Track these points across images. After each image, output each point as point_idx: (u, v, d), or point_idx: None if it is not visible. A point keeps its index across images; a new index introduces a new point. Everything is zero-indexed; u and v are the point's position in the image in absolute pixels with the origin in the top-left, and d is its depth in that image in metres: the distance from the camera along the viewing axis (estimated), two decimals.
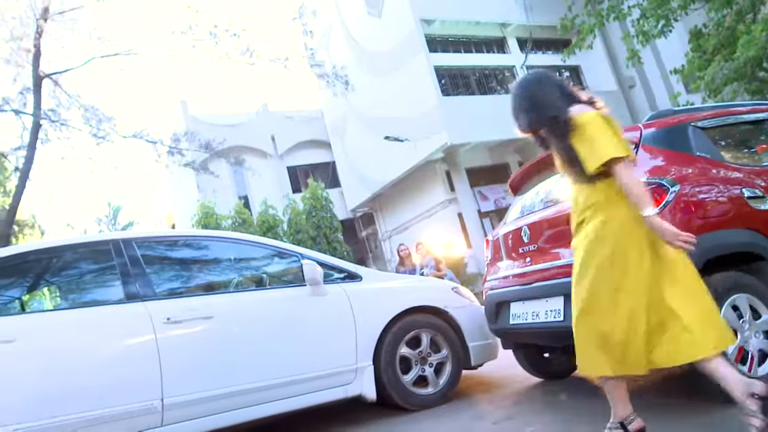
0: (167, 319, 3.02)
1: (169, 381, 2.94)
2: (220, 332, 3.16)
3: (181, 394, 2.95)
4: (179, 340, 3.04)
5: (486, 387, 4.02)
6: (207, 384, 3.02)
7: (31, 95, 10.96)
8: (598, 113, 2.21)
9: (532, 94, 2.41)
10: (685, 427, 2.32)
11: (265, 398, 3.14)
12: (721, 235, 2.63)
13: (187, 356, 3.03)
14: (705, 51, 10.72)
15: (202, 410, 3.00)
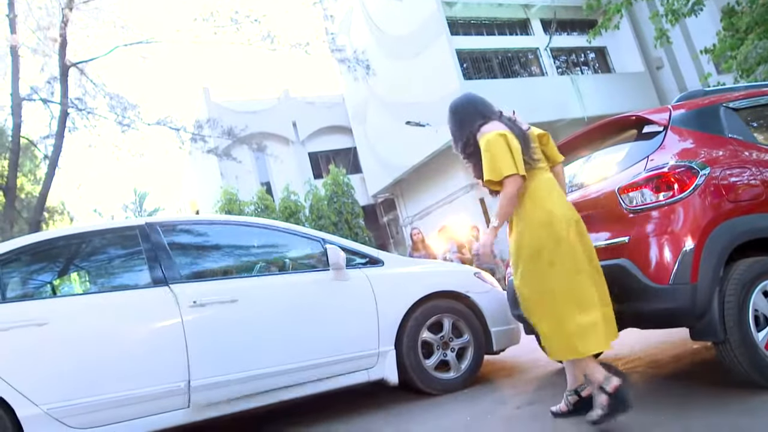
0: (193, 303, 3.08)
1: (196, 363, 3.00)
2: (245, 315, 3.20)
3: (207, 377, 3.01)
4: (205, 323, 3.09)
5: (508, 372, 4.02)
6: (232, 367, 3.07)
7: (58, 84, 11.16)
8: (498, 133, 2.50)
9: (456, 119, 2.73)
10: (712, 415, 2.28)
11: (289, 381, 3.19)
12: (753, 220, 2.56)
13: (212, 339, 3.09)
14: (738, 29, 10.35)
15: (227, 392, 3.05)
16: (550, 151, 2.69)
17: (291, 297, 3.39)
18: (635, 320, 2.88)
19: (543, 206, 2.47)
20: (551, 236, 2.41)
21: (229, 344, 3.11)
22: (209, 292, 3.16)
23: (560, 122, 17.02)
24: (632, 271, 2.56)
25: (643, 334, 4.24)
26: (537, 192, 2.50)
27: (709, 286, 2.42)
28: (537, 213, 2.46)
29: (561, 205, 2.50)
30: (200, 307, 3.09)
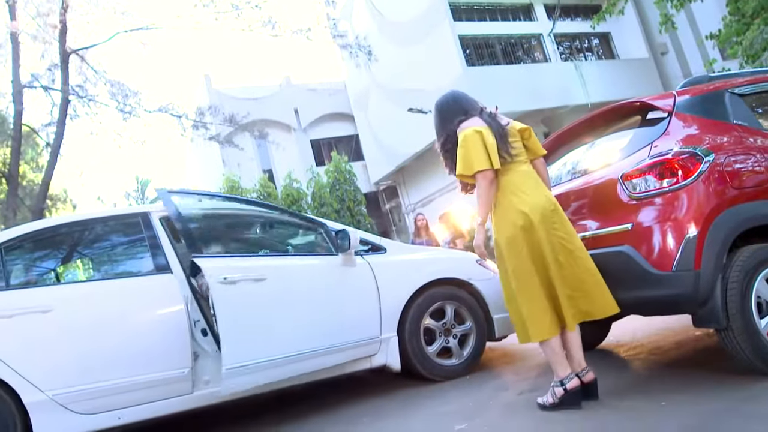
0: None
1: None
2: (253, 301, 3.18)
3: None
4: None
5: (510, 359, 4.03)
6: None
7: (58, 71, 11.12)
8: (474, 129, 2.61)
9: (439, 116, 2.85)
10: (715, 401, 2.29)
11: (295, 368, 3.19)
12: (757, 207, 2.54)
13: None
14: (744, 14, 10.22)
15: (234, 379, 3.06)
16: (532, 144, 2.78)
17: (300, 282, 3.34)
18: (637, 307, 2.88)
19: (512, 198, 2.60)
20: (516, 226, 2.55)
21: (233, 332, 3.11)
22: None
23: (564, 108, 16.92)
24: (635, 258, 2.55)
25: (646, 321, 4.25)
26: (510, 185, 2.63)
27: (712, 272, 2.41)
28: (506, 204, 2.61)
29: (533, 196, 2.59)
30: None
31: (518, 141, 2.72)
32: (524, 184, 2.63)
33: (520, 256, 2.54)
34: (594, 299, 2.55)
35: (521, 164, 2.69)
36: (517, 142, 2.71)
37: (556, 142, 3.60)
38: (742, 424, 1.99)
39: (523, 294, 2.54)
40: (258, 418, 3.54)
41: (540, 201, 2.59)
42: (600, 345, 3.94)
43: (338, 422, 3.07)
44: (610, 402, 2.56)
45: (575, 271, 2.55)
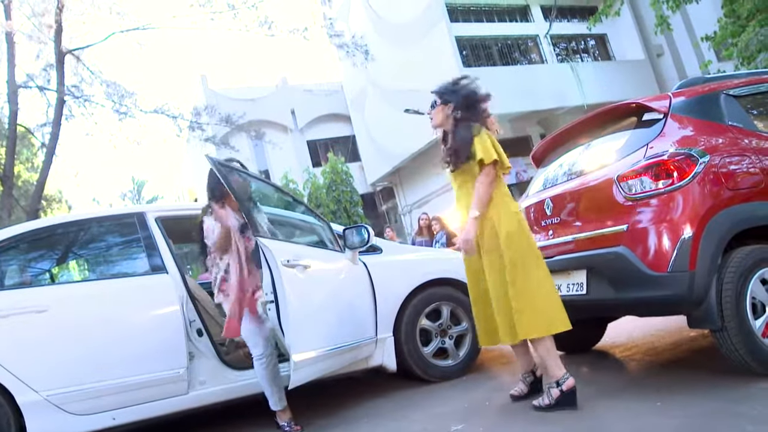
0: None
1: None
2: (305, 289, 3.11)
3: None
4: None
5: (506, 359, 4.04)
6: None
7: (54, 72, 11.07)
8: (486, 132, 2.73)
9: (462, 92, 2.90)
10: (710, 401, 2.30)
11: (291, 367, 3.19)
12: (751, 208, 2.56)
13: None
14: (739, 16, 10.27)
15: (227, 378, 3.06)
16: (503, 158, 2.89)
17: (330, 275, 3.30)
18: (633, 308, 2.89)
19: (506, 200, 2.73)
20: (520, 221, 2.69)
21: None
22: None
23: (560, 110, 16.96)
24: (630, 259, 2.56)
25: (641, 322, 4.27)
26: (502, 188, 2.74)
27: (707, 273, 2.42)
28: (504, 203, 2.70)
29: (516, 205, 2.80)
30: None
31: None
32: (508, 192, 2.80)
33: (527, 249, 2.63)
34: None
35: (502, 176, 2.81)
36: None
37: (553, 143, 3.61)
38: (736, 425, 2.00)
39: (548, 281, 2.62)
40: (253, 418, 3.52)
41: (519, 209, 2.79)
42: (596, 346, 3.95)
43: (334, 423, 3.07)
44: (606, 402, 2.57)
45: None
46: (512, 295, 2.58)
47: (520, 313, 2.56)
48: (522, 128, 17.37)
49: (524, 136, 17.53)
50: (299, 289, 2.81)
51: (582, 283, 2.91)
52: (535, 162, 3.89)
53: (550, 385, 2.59)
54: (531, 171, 3.54)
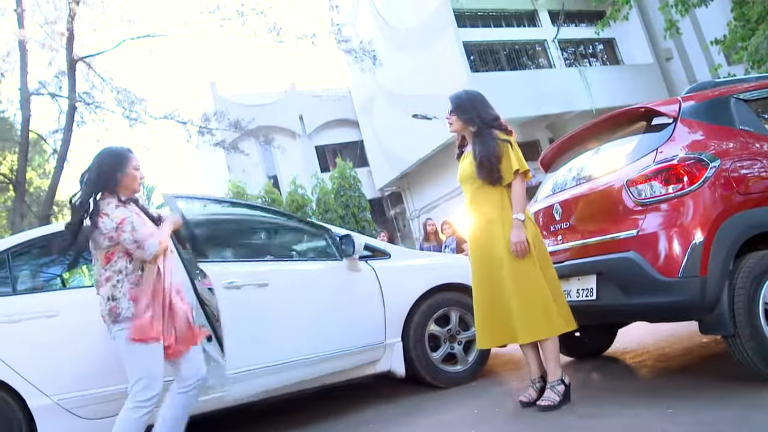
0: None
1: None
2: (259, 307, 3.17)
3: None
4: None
5: (515, 365, 4.01)
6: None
7: (66, 79, 11.20)
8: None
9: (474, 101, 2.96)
10: (722, 409, 2.27)
11: (299, 373, 3.18)
12: (763, 212, 2.53)
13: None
14: (749, 20, 10.21)
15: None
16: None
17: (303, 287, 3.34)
18: (643, 313, 2.86)
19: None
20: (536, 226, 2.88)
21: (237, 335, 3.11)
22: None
23: (568, 114, 16.91)
24: (640, 264, 2.54)
25: (652, 328, 4.23)
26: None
27: (719, 279, 2.40)
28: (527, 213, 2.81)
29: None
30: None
31: None
32: None
33: (542, 251, 2.80)
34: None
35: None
36: None
37: (561, 147, 3.60)
38: None
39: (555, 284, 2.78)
40: (262, 424, 3.53)
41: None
42: (606, 352, 3.92)
43: (343, 429, 3.06)
44: (616, 409, 2.55)
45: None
46: (522, 296, 2.66)
47: (530, 315, 2.64)
48: (531, 133, 17.33)
49: (533, 141, 17.49)
50: (241, 308, 2.92)
51: (592, 288, 2.89)
52: (543, 167, 3.88)
53: (555, 383, 2.69)
54: (540, 175, 3.55)
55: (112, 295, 2.37)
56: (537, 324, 2.64)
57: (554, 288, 2.74)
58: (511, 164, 2.75)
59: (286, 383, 3.09)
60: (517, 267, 2.69)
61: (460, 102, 2.91)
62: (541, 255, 2.76)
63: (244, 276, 3.01)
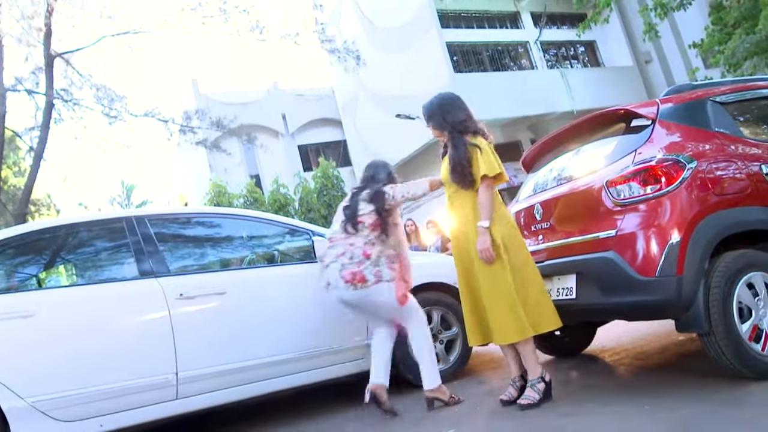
0: (180, 295, 3.06)
1: (183, 355, 2.98)
2: (233, 307, 3.19)
3: (195, 368, 3.00)
4: (193, 316, 3.08)
5: (497, 364, 4.04)
6: (220, 358, 3.07)
7: (43, 75, 10.99)
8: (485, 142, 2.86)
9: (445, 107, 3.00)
10: (697, 405, 2.32)
11: (277, 373, 3.19)
12: (738, 213, 2.58)
13: (199, 331, 3.07)
14: (726, 24, 10.44)
15: (215, 384, 3.05)
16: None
17: (280, 289, 3.38)
18: (622, 312, 2.90)
19: (501, 207, 2.86)
20: (513, 227, 2.86)
21: (217, 336, 3.10)
22: (197, 285, 3.14)
23: (550, 116, 17.08)
24: (619, 264, 2.58)
25: (630, 326, 4.29)
26: (497, 197, 2.87)
27: (695, 278, 2.44)
28: (499, 211, 2.82)
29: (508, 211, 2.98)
30: (188, 299, 3.07)
31: None
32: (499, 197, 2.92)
33: (523, 250, 2.81)
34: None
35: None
36: None
37: (543, 148, 3.64)
38: (723, 429, 2.01)
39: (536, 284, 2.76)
40: (244, 424, 3.50)
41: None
42: (586, 350, 3.97)
43: (326, 428, 3.05)
44: (595, 406, 2.58)
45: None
46: (491, 300, 2.73)
47: (498, 318, 2.71)
48: (512, 134, 17.47)
49: (514, 142, 17.62)
50: (193, 318, 3.06)
51: (571, 287, 2.92)
52: (525, 167, 3.91)
53: (534, 382, 2.72)
54: (521, 176, 3.57)
55: (375, 265, 3.01)
56: (506, 327, 2.70)
57: (532, 288, 2.73)
58: (483, 167, 2.78)
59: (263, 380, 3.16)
60: (486, 271, 2.74)
61: (430, 110, 2.99)
62: (515, 256, 2.75)
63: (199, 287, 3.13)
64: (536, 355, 2.78)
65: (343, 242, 3.06)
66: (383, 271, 3.00)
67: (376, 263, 3.00)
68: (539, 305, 2.73)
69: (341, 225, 3.12)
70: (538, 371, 2.74)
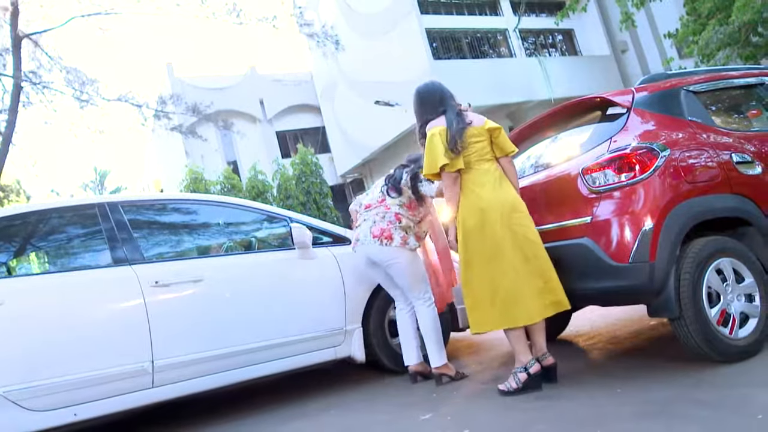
0: (155, 283, 3.02)
1: (159, 343, 2.95)
2: (209, 295, 3.16)
3: (171, 356, 2.97)
4: (168, 303, 3.04)
5: (474, 349, 4.09)
6: (197, 346, 3.04)
7: (10, 56, 10.64)
8: (437, 130, 2.78)
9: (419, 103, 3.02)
10: (667, 388, 2.38)
11: (255, 359, 3.18)
12: (708, 200, 2.64)
13: (175, 319, 3.04)
14: (700, 15, 10.59)
15: (192, 372, 3.02)
16: (501, 142, 2.87)
17: (256, 276, 3.36)
18: (596, 298, 2.96)
19: (470, 195, 2.75)
20: (473, 220, 2.71)
21: (192, 324, 3.07)
22: (172, 272, 3.09)
23: (528, 103, 17.18)
24: (593, 250, 2.62)
25: (604, 311, 4.38)
26: (469, 183, 2.77)
27: (666, 264, 2.50)
28: (465, 200, 2.75)
29: (491, 193, 2.74)
30: (163, 287, 3.03)
31: (483, 140, 2.82)
32: (483, 181, 2.76)
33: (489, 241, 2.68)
34: (559, 291, 2.68)
35: (484, 162, 2.80)
36: (480, 142, 2.81)
37: (520, 136, 3.66)
38: (691, 410, 2.07)
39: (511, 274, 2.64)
40: (221, 411, 3.49)
41: (498, 198, 2.71)
42: (560, 335, 4.04)
43: (304, 414, 3.06)
44: (569, 391, 2.63)
45: (542, 264, 2.68)
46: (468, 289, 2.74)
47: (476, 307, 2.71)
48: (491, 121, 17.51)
49: None
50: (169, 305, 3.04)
51: None
52: None
53: (517, 370, 2.68)
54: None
55: (405, 232, 3.23)
56: (472, 319, 2.76)
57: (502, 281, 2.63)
58: (424, 166, 2.85)
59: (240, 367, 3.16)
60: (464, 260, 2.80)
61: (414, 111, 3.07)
62: (477, 250, 2.69)
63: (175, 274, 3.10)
64: (523, 344, 2.70)
65: (379, 206, 3.30)
66: (410, 240, 3.22)
67: (405, 229, 3.22)
68: (514, 297, 2.62)
69: (381, 189, 3.36)
70: (522, 361, 2.69)
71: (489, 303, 2.66)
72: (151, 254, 3.26)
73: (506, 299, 2.63)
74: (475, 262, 2.70)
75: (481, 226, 2.69)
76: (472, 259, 2.71)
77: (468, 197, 2.75)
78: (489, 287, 2.66)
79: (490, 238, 2.67)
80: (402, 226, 3.22)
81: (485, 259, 2.68)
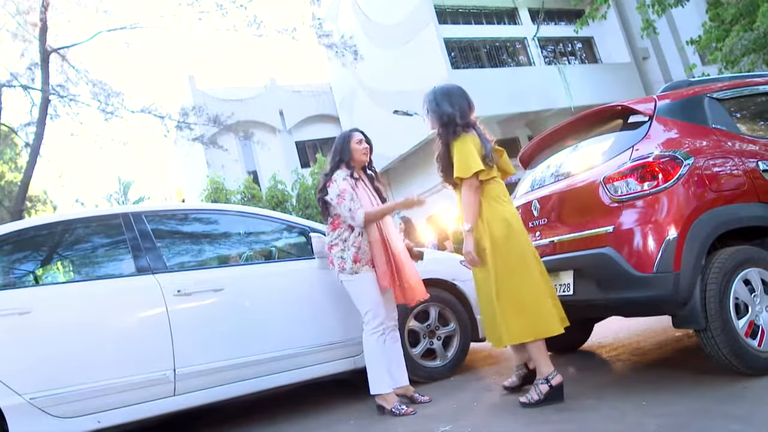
0: (177, 291, 3.05)
1: (181, 351, 2.98)
2: (230, 304, 3.19)
3: (193, 365, 3.00)
4: (189, 312, 3.07)
5: (494, 360, 4.05)
6: (217, 355, 3.06)
7: (39, 70, 10.94)
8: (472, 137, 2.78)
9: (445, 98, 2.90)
10: (694, 401, 2.33)
11: (275, 369, 3.19)
12: (734, 209, 2.59)
13: (197, 327, 3.07)
14: (723, 21, 10.43)
15: (213, 380, 3.05)
16: (504, 164, 2.92)
17: (277, 285, 3.38)
18: (619, 308, 2.91)
19: (496, 205, 2.75)
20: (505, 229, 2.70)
21: (214, 332, 3.09)
22: (194, 281, 3.13)
23: (547, 112, 17.07)
24: (616, 260, 2.59)
25: (627, 322, 4.31)
26: (492, 193, 2.77)
27: (692, 274, 2.45)
28: (491, 210, 2.73)
29: (512, 206, 2.84)
30: (185, 296, 3.07)
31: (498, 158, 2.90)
32: (505, 194, 2.82)
33: (511, 255, 2.67)
34: (561, 308, 2.74)
35: (498, 179, 2.86)
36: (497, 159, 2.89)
37: (540, 145, 3.64)
38: (720, 425, 2.02)
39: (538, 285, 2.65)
40: (242, 420, 3.51)
41: (516, 212, 2.81)
42: (583, 346, 3.98)
43: (322, 424, 3.06)
44: (592, 402, 2.59)
45: (548, 280, 2.75)
46: (499, 301, 2.67)
47: (507, 319, 2.66)
48: (510, 130, 17.44)
49: (512, 138, 17.61)
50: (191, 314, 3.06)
51: (569, 284, 2.93)
52: (522, 163, 3.92)
53: (539, 382, 2.66)
54: (519, 172, 3.58)
55: (340, 256, 3.08)
56: (490, 332, 2.84)
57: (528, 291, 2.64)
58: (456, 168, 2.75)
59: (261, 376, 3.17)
60: (475, 275, 2.83)
61: (426, 99, 2.94)
62: (505, 261, 2.66)
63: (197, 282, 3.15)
64: (544, 355, 2.67)
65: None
66: (347, 264, 3.07)
67: (340, 254, 3.10)
68: (539, 308, 2.63)
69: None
70: (544, 372, 2.66)
71: (516, 314, 2.65)
72: (174, 263, 3.30)
73: (533, 311, 2.64)
74: (501, 274, 2.68)
75: (506, 237, 2.69)
76: (500, 271, 2.68)
77: (495, 207, 2.75)
78: (516, 298, 2.66)
79: (517, 248, 2.69)
80: (336, 252, 3.11)
81: (509, 270, 2.67)
